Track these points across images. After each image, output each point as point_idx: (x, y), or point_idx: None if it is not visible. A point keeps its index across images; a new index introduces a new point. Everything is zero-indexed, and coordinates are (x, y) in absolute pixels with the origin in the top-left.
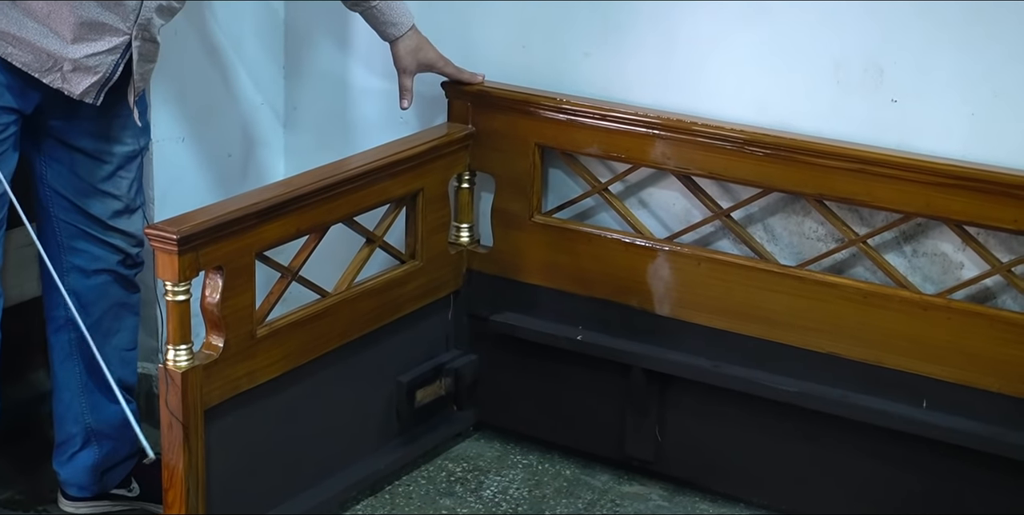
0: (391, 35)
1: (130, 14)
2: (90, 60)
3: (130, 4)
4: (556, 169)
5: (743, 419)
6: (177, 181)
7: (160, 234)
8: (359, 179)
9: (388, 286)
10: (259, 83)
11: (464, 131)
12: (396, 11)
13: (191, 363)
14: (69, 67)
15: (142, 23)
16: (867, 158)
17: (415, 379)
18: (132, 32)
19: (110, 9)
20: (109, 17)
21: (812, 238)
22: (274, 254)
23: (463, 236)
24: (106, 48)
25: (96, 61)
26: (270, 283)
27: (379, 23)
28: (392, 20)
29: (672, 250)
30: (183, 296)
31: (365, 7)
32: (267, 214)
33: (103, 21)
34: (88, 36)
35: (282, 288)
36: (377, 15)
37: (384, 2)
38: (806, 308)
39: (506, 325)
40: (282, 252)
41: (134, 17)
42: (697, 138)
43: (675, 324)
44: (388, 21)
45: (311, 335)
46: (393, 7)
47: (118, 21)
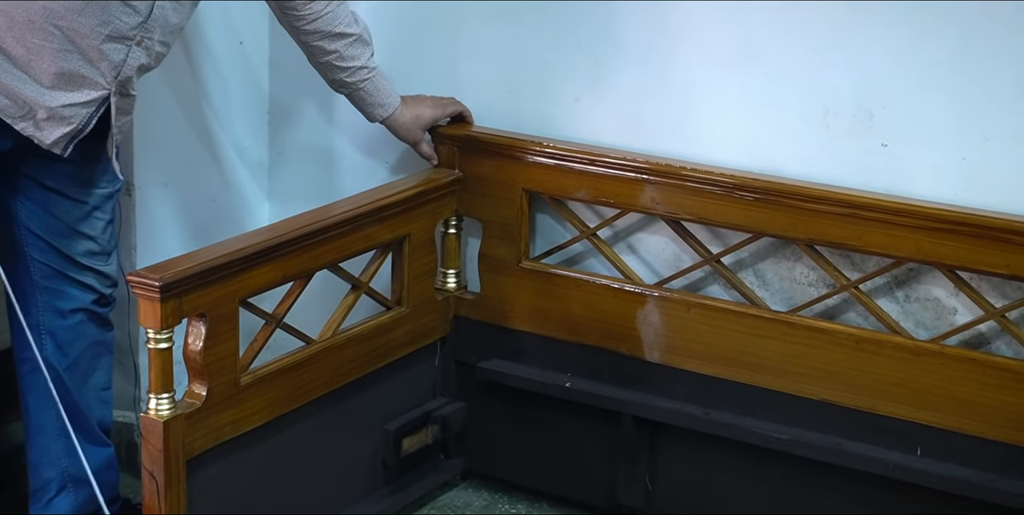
0: (378, 116)
1: (111, 71)
2: (66, 110)
3: (114, 60)
4: (544, 214)
5: (734, 467)
6: (159, 227)
7: (142, 281)
8: (345, 225)
9: (374, 333)
10: (244, 127)
11: (451, 176)
12: (382, 92)
13: (173, 412)
14: (43, 115)
15: (122, 80)
16: (858, 203)
17: (402, 427)
18: (112, 88)
19: (93, 63)
20: (90, 71)
21: (803, 283)
22: (258, 301)
23: (450, 282)
24: (83, 100)
25: (71, 112)
26: (254, 330)
27: (366, 105)
28: (379, 101)
29: (662, 296)
30: (165, 344)
31: (351, 89)
32: (252, 260)
33: (84, 74)
34: (66, 86)
35: (266, 335)
36: (364, 97)
37: (370, 83)
38: (798, 354)
39: (494, 372)
40: (266, 299)
41: (115, 74)
42: (686, 183)
43: (665, 371)
44: (375, 103)
45: (296, 383)
46: (380, 88)
47: (98, 75)
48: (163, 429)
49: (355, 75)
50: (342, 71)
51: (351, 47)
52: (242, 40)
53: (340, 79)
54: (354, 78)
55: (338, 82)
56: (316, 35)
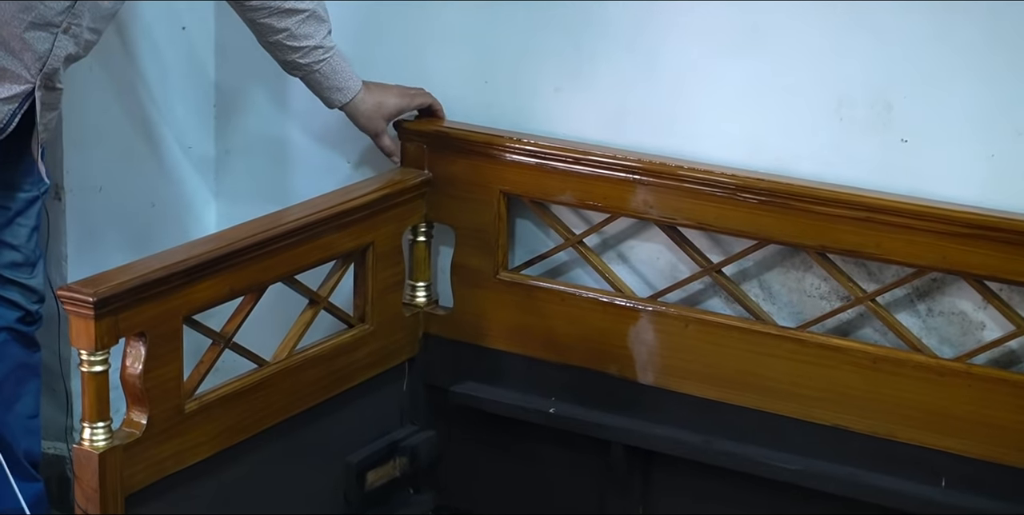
0: (337, 102)
1: (36, 62)
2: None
3: (38, 51)
4: (524, 220)
5: (738, 500)
6: (93, 235)
7: (74, 296)
8: (300, 232)
9: (334, 353)
10: (187, 122)
11: (419, 177)
12: (341, 74)
13: (110, 443)
14: None
15: (48, 72)
16: (875, 205)
17: (366, 459)
18: (36, 81)
19: (14, 54)
20: (12, 63)
21: (814, 296)
22: (204, 318)
23: (419, 296)
24: (4, 96)
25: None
26: (200, 351)
27: (323, 89)
28: (337, 84)
29: (656, 310)
30: (100, 367)
31: (306, 71)
32: (196, 273)
33: (4, 66)
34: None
35: (214, 357)
36: (320, 80)
37: (327, 64)
38: (808, 375)
39: (468, 397)
40: (213, 316)
41: (40, 65)
42: (683, 184)
43: (660, 394)
44: (333, 86)
45: (247, 410)
46: (337, 70)
47: (21, 68)
48: (98, 462)
49: (309, 56)
50: (294, 51)
51: (304, 24)
52: (185, 25)
53: (293, 60)
54: (308, 59)
55: (291, 64)
56: (263, 11)
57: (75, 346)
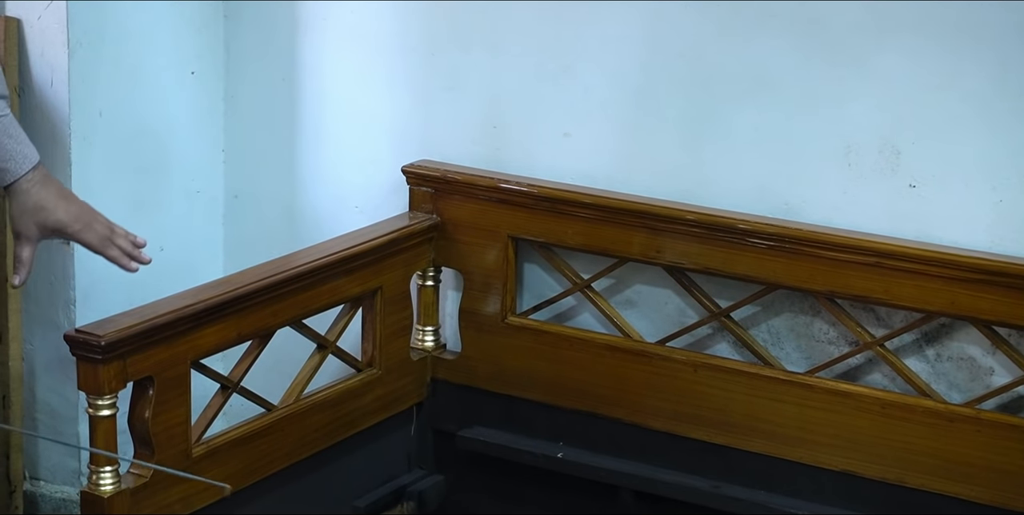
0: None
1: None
2: None
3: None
4: (532, 264)
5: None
6: (101, 279)
7: (82, 340)
8: (308, 277)
9: (342, 398)
10: (195, 167)
11: (427, 221)
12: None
13: (117, 487)
14: None
15: None
16: (883, 251)
17: (373, 504)
18: None
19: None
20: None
21: (823, 341)
22: (212, 362)
23: (427, 340)
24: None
25: None
26: (207, 396)
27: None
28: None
29: (664, 355)
30: (108, 411)
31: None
32: (204, 317)
33: None
34: None
35: (221, 401)
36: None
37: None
38: (817, 420)
39: (476, 442)
40: (221, 360)
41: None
42: (691, 228)
43: (668, 439)
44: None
45: (255, 454)
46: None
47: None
48: (106, 506)
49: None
50: None
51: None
52: (194, 70)
53: None
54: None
55: None
56: None
57: (82, 390)
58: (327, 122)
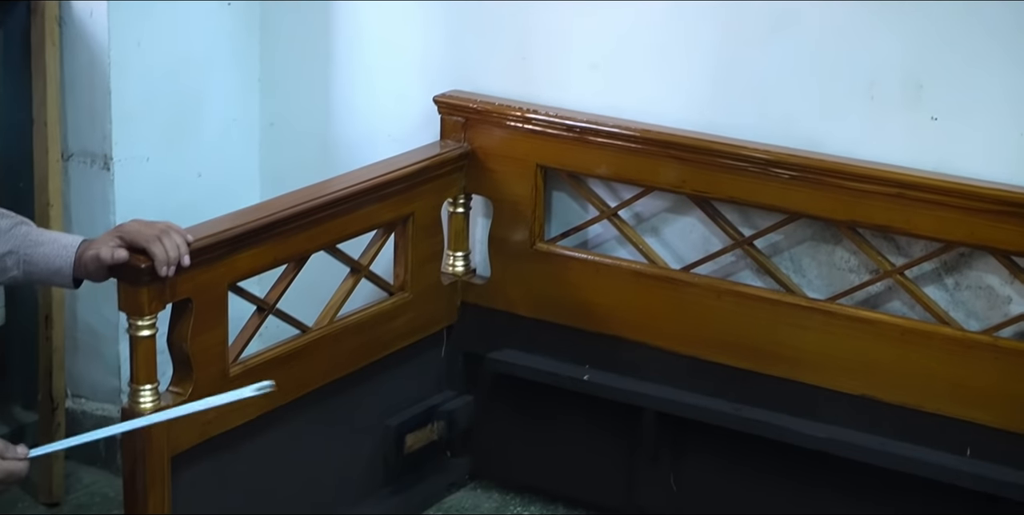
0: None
1: None
2: None
3: None
4: (560, 192)
5: (767, 468)
6: (140, 204)
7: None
8: (342, 203)
9: (375, 321)
10: (232, 96)
11: (458, 150)
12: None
13: (156, 405)
14: None
15: None
16: (904, 182)
17: (404, 423)
18: None
19: None
20: None
21: (843, 269)
22: (249, 285)
23: (457, 266)
24: None
25: None
26: (244, 317)
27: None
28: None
29: (688, 282)
30: (148, 331)
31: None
32: (241, 241)
33: None
34: None
35: (258, 323)
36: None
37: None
38: (837, 346)
39: (504, 364)
40: (257, 283)
41: None
42: (717, 159)
43: (692, 363)
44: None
45: (289, 374)
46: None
47: None
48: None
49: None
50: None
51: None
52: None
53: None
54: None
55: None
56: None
57: (123, 311)
58: (361, 52)
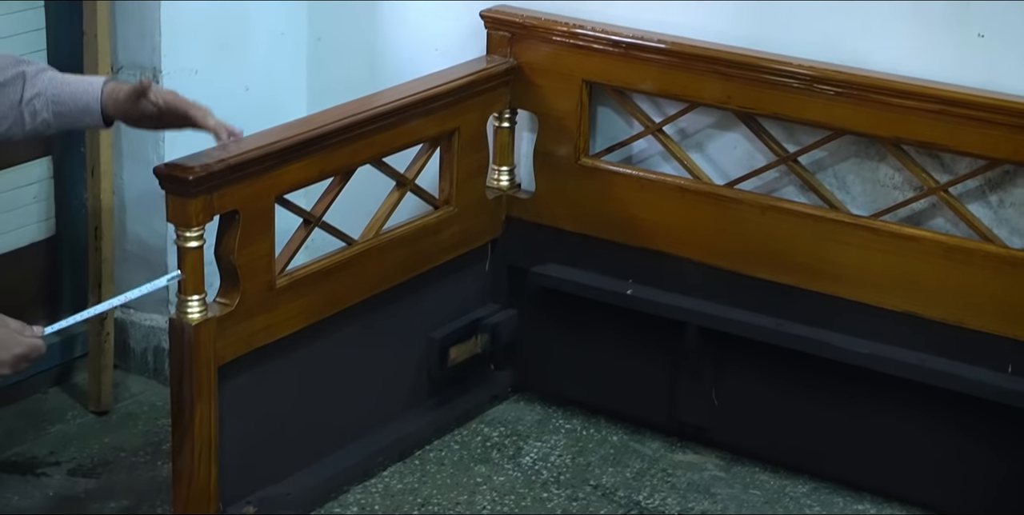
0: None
1: None
2: None
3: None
4: (605, 108)
5: (808, 383)
6: None
7: (171, 174)
8: (389, 117)
9: (420, 234)
10: (280, 11)
11: (504, 65)
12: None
13: (204, 315)
14: None
15: None
16: (950, 98)
17: (448, 336)
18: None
19: None
20: None
21: (887, 186)
22: (295, 198)
23: (502, 180)
24: None
25: None
26: (291, 230)
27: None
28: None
29: (732, 198)
30: (196, 243)
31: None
32: (288, 154)
33: None
34: None
35: (304, 235)
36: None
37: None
38: (880, 263)
39: (548, 278)
40: (304, 196)
41: None
42: (762, 75)
43: (734, 278)
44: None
45: (335, 286)
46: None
47: None
48: (194, 333)
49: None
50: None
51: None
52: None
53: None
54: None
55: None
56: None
57: (171, 222)
58: None
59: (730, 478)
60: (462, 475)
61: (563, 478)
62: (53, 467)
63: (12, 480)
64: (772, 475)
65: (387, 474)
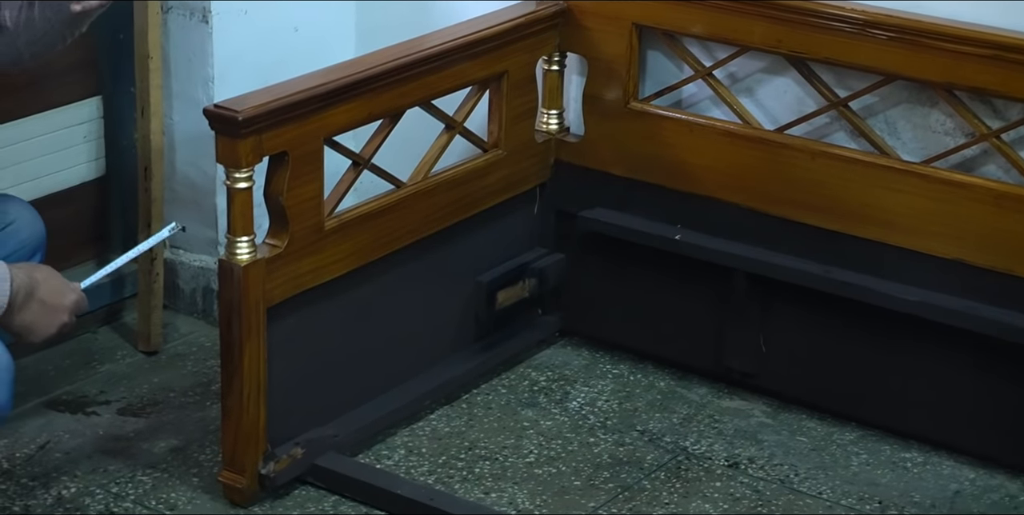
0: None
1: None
2: None
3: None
4: (655, 51)
5: (856, 330)
6: (238, 58)
7: (221, 114)
8: (437, 59)
9: (468, 177)
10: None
11: (553, 8)
12: None
13: (253, 256)
14: None
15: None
16: (1003, 43)
17: (496, 280)
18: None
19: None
20: None
21: (939, 132)
22: (344, 140)
23: (551, 124)
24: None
25: None
26: (339, 172)
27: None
28: None
29: (782, 143)
30: (245, 183)
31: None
32: (336, 96)
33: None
34: None
35: (353, 177)
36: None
37: None
38: (930, 209)
39: (596, 222)
40: (353, 138)
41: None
42: (813, 19)
43: (783, 224)
44: None
45: (383, 229)
46: None
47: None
48: (243, 274)
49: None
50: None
51: None
52: None
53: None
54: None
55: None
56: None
57: (220, 163)
58: None
59: (777, 425)
60: (509, 419)
61: (610, 423)
62: (103, 406)
63: (62, 418)
64: (819, 422)
65: (434, 417)
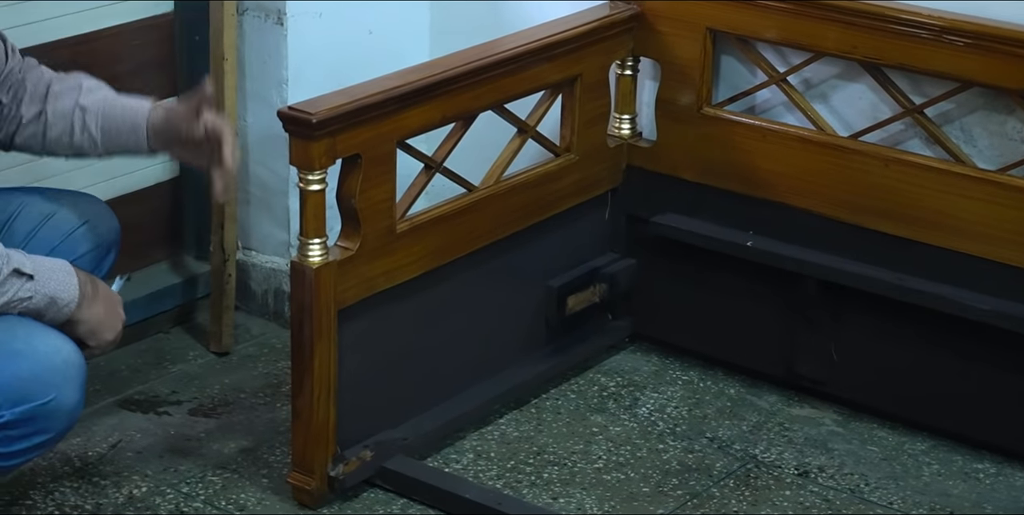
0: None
1: None
2: None
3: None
4: (729, 56)
5: (928, 339)
6: (312, 60)
7: (296, 116)
8: (511, 63)
9: (540, 181)
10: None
11: (628, 12)
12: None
13: (325, 259)
14: None
15: None
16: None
17: (567, 284)
18: None
19: None
20: None
21: (1015, 139)
22: (417, 143)
23: (623, 128)
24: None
25: None
26: (412, 175)
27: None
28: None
29: (856, 149)
30: (318, 185)
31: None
32: (410, 99)
33: None
34: None
35: (425, 180)
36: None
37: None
38: (1005, 218)
39: (668, 228)
40: (425, 141)
41: None
42: (889, 25)
43: (856, 231)
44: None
45: (455, 232)
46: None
47: None
48: (315, 276)
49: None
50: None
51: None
52: None
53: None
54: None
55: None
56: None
57: (294, 165)
58: None
59: (848, 433)
60: (578, 424)
61: (679, 430)
62: (174, 406)
63: (134, 418)
64: (890, 431)
65: (503, 421)
